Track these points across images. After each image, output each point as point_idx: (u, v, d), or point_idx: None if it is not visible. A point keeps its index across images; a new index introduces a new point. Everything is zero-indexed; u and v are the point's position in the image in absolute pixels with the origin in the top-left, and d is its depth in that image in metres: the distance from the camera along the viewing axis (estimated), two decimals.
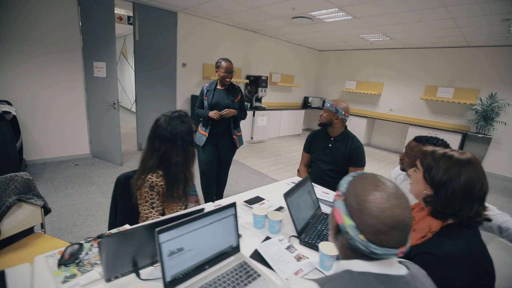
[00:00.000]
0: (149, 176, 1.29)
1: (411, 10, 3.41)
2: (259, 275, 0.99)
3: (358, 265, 0.56)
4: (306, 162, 2.27)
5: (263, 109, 6.01)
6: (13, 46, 3.29)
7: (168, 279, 0.88)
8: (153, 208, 1.32)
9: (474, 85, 5.18)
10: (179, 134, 1.31)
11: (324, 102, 7.73)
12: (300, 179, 2.10)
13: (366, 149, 6.54)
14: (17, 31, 3.28)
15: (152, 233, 0.85)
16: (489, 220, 0.86)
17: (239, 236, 1.23)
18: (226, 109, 2.37)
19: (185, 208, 1.47)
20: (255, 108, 5.88)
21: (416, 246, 0.90)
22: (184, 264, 0.92)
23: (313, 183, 2.03)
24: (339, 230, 0.59)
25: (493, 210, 1.23)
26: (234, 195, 1.73)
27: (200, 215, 0.96)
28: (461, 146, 5.13)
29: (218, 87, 2.48)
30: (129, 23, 4.99)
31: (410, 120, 6.06)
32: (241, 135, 2.64)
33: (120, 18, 5.04)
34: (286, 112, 6.66)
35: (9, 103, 3.33)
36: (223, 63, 2.37)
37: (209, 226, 0.99)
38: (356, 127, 6.51)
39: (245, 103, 5.84)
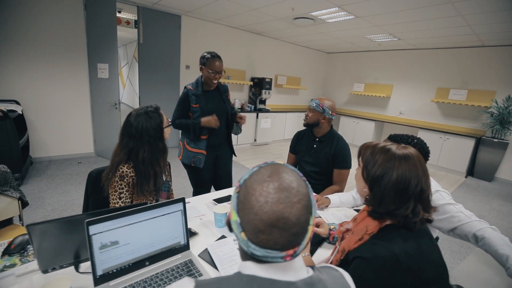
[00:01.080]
0: (120, 166, 1.29)
1: (412, 8, 3.27)
2: (200, 275, 0.95)
3: (248, 268, 0.50)
4: (292, 163, 2.19)
5: (267, 111, 5.96)
6: (23, 48, 3.46)
7: (99, 273, 0.86)
8: (120, 199, 1.31)
9: (490, 86, 4.88)
10: (145, 130, 1.30)
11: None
12: None
13: None
14: (27, 34, 3.46)
15: None
16: (429, 221, 0.77)
17: (192, 233, 1.20)
18: (242, 114, 2.10)
19: None
20: (258, 110, 5.86)
21: (353, 250, 0.82)
22: (118, 258, 0.89)
23: None
24: (231, 228, 0.54)
25: (470, 217, 1.12)
26: (209, 193, 1.71)
27: (139, 208, 0.93)
28: (475, 151, 4.83)
29: (205, 88, 2.02)
30: (135, 27, 5.14)
31: (420, 123, 5.79)
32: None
33: (128, 22, 5.20)
34: (292, 115, 6.58)
35: (17, 103, 3.51)
36: (214, 62, 1.88)
37: (151, 220, 0.96)
38: (364, 130, 6.32)
39: (249, 105, 5.87)
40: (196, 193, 2.22)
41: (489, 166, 4.76)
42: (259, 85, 5.83)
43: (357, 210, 1.74)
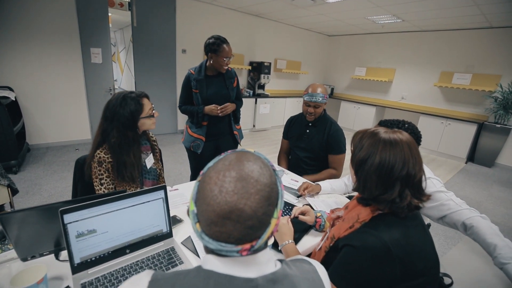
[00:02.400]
0: (98, 152, 1.27)
1: None
2: (181, 263, 0.94)
3: (208, 262, 0.48)
4: (286, 149, 2.16)
5: (266, 96, 5.87)
6: (14, 33, 3.37)
7: (76, 261, 0.85)
8: (101, 185, 1.29)
9: (495, 70, 4.72)
10: (116, 115, 1.25)
11: (332, 90, 7.43)
12: (278, 167, 2.01)
13: None
14: (17, 19, 3.35)
15: None
16: (418, 208, 0.74)
17: (177, 220, 1.19)
18: (228, 104, 1.96)
19: None
20: (257, 96, 5.76)
21: (343, 238, 0.81)
22: (97, 246, 0.88)
23: (287, 170, 1.94)
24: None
25: (460, 205, 1.09)
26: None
27: (117, 196, 0.91)
28: (476, 137, 4.75)
29: (209, 73, 1.95)
30: (129, 10, 4.97)
31: (422, 108, 5.68)
32: (240, 128, 2.23)
33: (121, 5, 5.03)
34: (291, 100, 6.48)
35: (10, 89, 3.46)
36: (225, 48, 1.80)
37: (130, 208, 0.94)
38: (365, 116, 6.24)
39: (248, 90, 5.77)
40: (193, 178, 2.23)
41: (490, 151, 4.69)
42: (257, 70, 5.70)
43: (349, 197, 1.72)
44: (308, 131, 1.94)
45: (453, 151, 4.95)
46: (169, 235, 1.05)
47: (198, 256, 0.98)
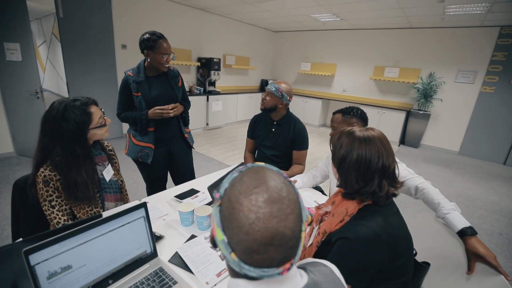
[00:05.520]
0: (41, 170, 1.07)
1: None
2: (175, 283, 0.88)
3: (241, 287, 0.45)
4: (251, 148, 2.17)
5: (218, 93, 5.76)
6: None
7: None
8: (53, 207, 1.10)
9: (416, 64, 5.52)
10: (58, 131, 1.06)
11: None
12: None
13: (322, 129, 6.79)
14: None
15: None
16: (395, 195, 0.85)
17: (158, 237, 1.10)
18: (174, 104, 1.78)
19: (103, 210, 1.27)
20: (208, 93, 5.61)
21: (335, 232, 0.86)
22: (74, 284, 0.76)
23: None
24: (216, 245, 0.47)
25: (412, 173, 1.28)
26: (169, 189, 1.58)
27: (93, 223, 0.79)
28: (405, 123, 5.52)
29: (149, 74, 1.76)
30: None
31: (361, 100, 6.32)
32: (190, 132, 2.09)
33: None
34: (243, 96, 6.49)
35: None
36: (163, 43, 1.62)
37: (109, 234, 0.83)
38: (312, 108, 6.65)
39: (198, 87, 5.57)
40: (150, 189, 2.04)
41: (416, 135, 5.52)
42: (207, 66, 5.54)
43: (316, 188, 1.82)
44: (274, 129, 1.98)
45: (388, 136, 5.55)
46: (153, 255, 0.96)
47: (191, 272, 0.92)
